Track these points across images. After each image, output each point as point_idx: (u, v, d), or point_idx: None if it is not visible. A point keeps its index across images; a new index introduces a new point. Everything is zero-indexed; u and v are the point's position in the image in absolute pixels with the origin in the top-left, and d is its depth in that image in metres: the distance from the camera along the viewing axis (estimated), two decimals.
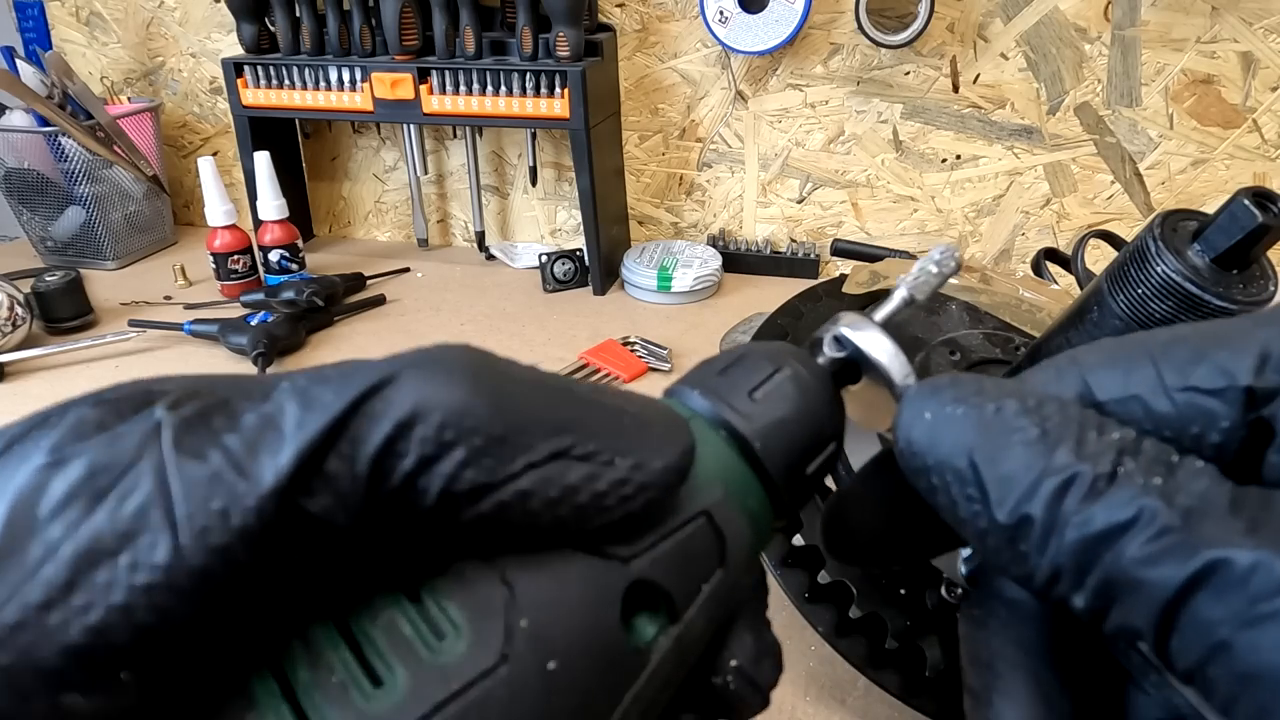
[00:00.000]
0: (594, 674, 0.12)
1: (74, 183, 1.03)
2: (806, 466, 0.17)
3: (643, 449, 0.14)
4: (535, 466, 0.13)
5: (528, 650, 0.12)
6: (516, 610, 0.12)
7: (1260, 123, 0.88)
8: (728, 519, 0.15)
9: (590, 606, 0.12)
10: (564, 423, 0.13)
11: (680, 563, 0.14)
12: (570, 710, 0.12)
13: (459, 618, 0.12)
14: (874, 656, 0.46)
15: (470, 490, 0.12)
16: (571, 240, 1.13)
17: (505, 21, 0.96)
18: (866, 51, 0.94)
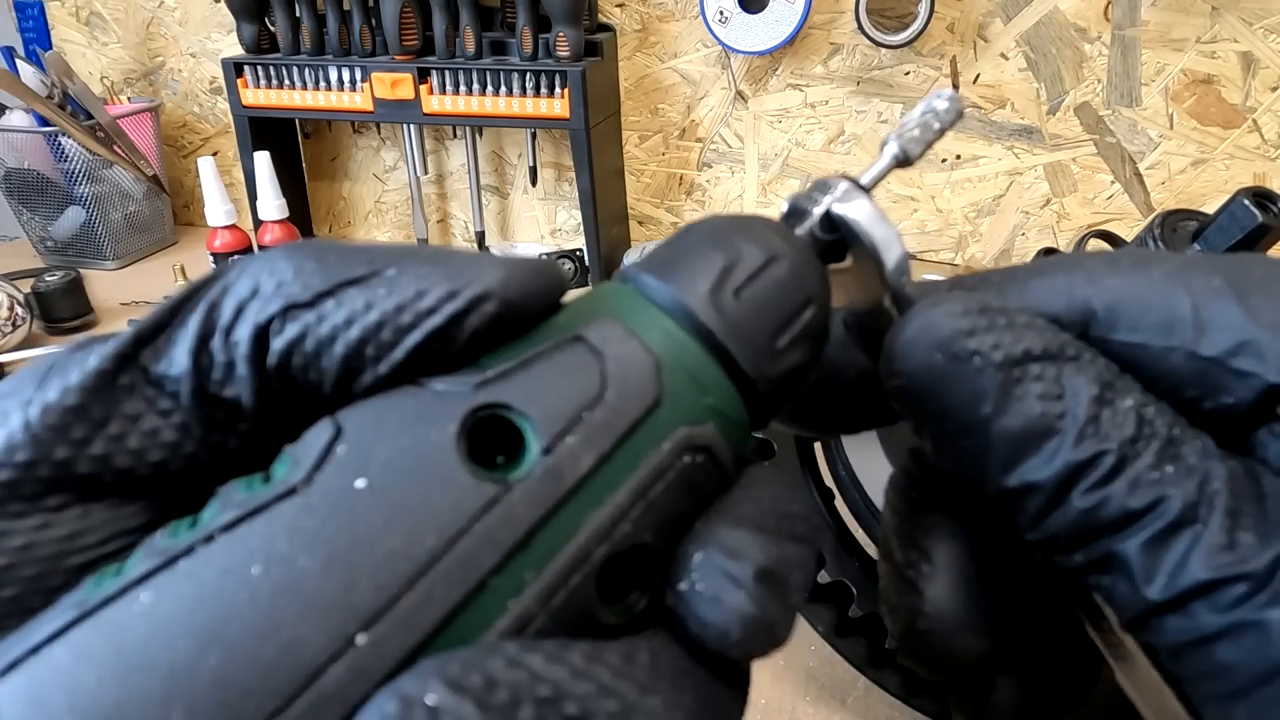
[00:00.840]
0: (415, 497, 0.11)
1: (74, 183, 1.03)
2: (778, 338, 0.14)
3: (469, 272, 0.13)
4: (349, 284, 0.13)
5: (334, 471, 0.11)
6: (339, 443, 0.11)
7: (1260, 123, 0.88)
8: (612, 344, 0.13)
9: (415, 428, 0.11)
10: (383, 257, 0.13)
11: (541, 387, 0.12)
12: (377, 529, 0.11)
13: (285, 462, 0.12)
14: (874, 656, 0.46)
15: (284, 310, 0.12)
16: (571, 240, 1.13)
17: (505, 21, 0.96)
18: (866, 51, 0.94)
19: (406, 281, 0.13)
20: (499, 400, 0.12)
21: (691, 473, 0.13)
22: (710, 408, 0.13)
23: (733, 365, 0.13)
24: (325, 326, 0.12)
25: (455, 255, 0.13)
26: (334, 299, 0.12)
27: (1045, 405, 0.14)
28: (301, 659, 0.10)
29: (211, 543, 0.11)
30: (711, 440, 0.13)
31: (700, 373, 0.13)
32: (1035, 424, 0.14)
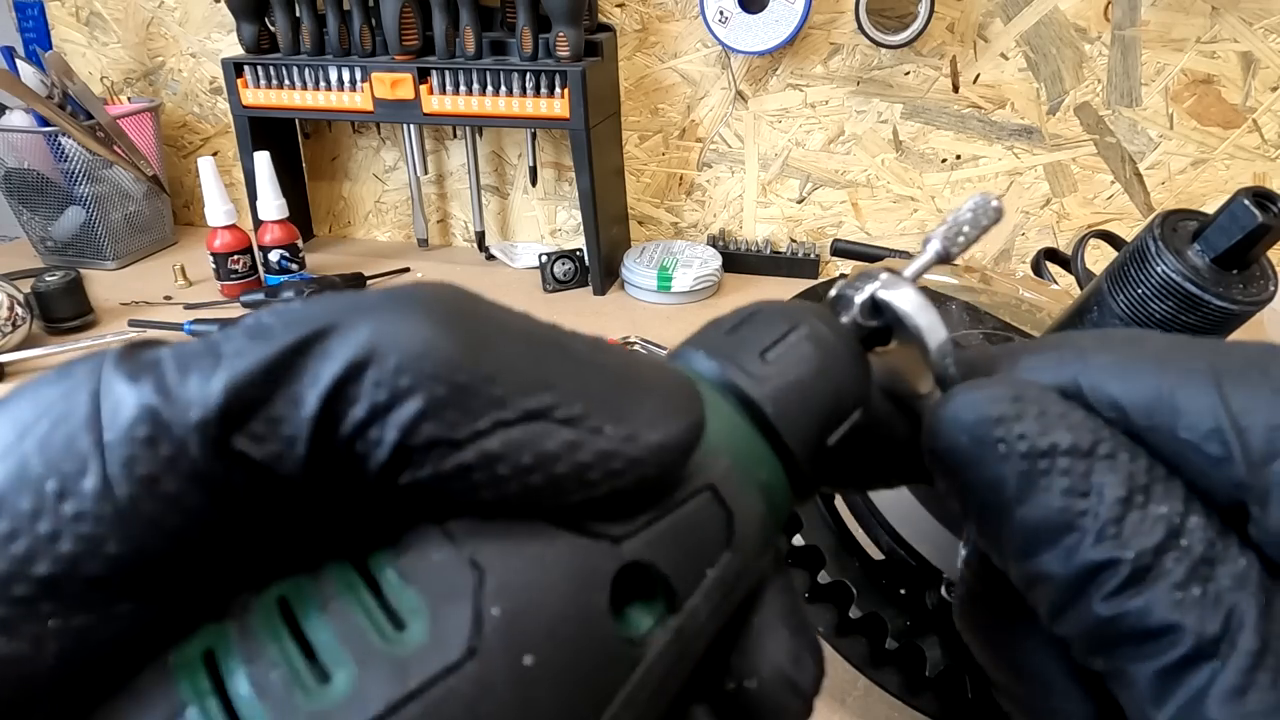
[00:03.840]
0: (578, 671, 0.10)
1: (74, 183, 1.03)
2: (827, 436, 0.15)
3: (639, 417, 0.12)
4: (506, 425, 0.11)
5: (499, 643, 0.10)
6: (486, 595, 0.10)
7: (1260, 123, 0.88)
8: (736, 494, 0.13)
9: (574, 592, 0.11)
10: (546, 378, 0.11)
11: (680, 544, 0.12)
12: (550, 713, 0.10)
13: (419, 603, 0.10)
14: (874, 656, 0.46)
15: (427, 445, 0.10)
16: (571, 240, 1.13)
17: (505, 21, 0.96)
18: (866, 51, 0.94)
19: (584, 435, 0.11)
20: (643, 560, 0.12)
21: (748, 589, 0.14)
22: (778, 530, 0.14)
23: (797, 476, 0.14)
24: (471, 455, 0.11)
25: (623, 393, 0.12)
26: (495, 436, 0.11)
27: (1068, 500, 0.14)
28: None
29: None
30: (773, 566, 0.14)
31: (784, 509, 0.14)
32: (1055, 517, 0.14)
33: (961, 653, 0.44)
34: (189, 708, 0.09)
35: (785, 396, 0.14)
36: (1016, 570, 0.15)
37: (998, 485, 0.14)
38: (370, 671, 0.10)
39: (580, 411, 0.11)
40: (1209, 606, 0.13)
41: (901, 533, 0.45)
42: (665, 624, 0.12)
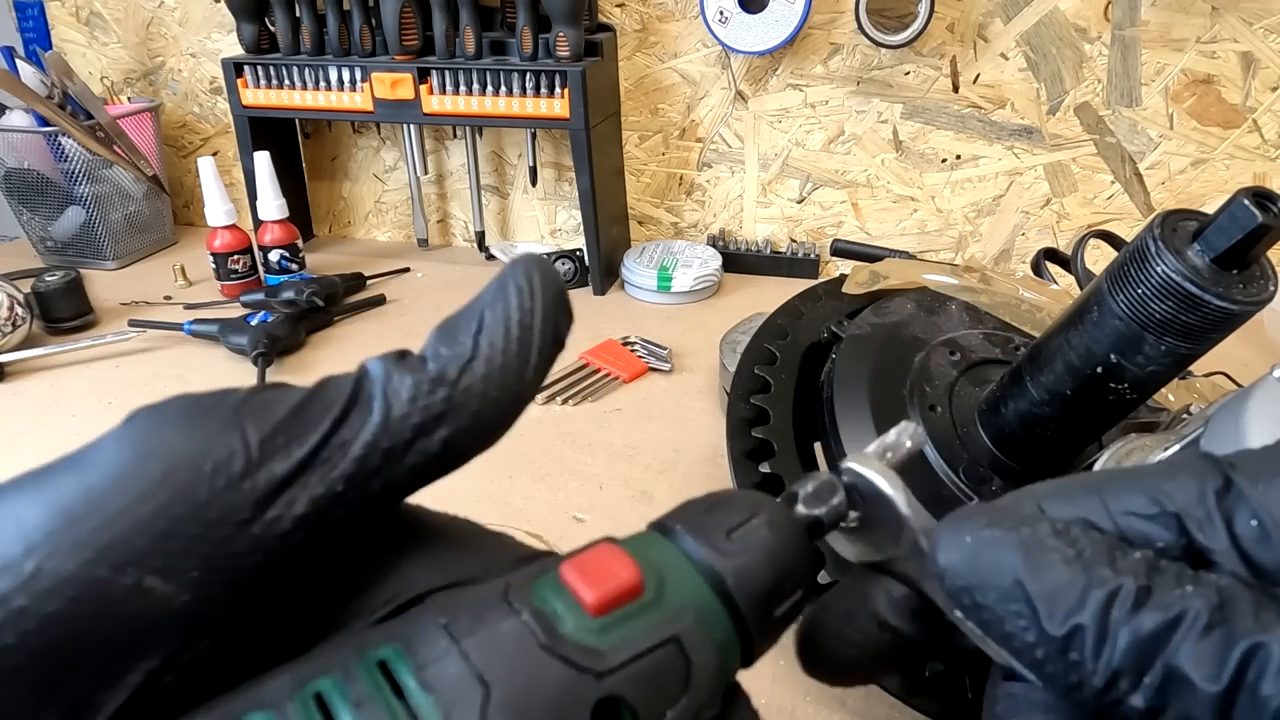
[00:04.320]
0: None
1: (74, 183, 1.03)
2: (775, 609, 0.17)
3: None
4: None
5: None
6: (492, 708, 0.13)
7: (1260, 123, 0.88)
8: (696, 647, 0.15)
9: (561, 713, 0.13)
10: None
11: (648, 684, 0.14)
12: None
13: (436, 712, 0.12)
14: None
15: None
16: (571, 240, 1.13)
17: (505, 21, 0.96)
18: (866, 51, 0.94)
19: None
20: (619, 694, 0.14)
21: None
22: (727, 682, 0.16)
23: (747, 642, 0.17)
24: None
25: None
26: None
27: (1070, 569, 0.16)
28: None
29: None
30: (721, 709, 0.16)
31: (733, 666, 0.16)
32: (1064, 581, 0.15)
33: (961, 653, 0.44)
34: None
35: (743, 571, 0.17)
36: (1050, 645, 0.16)
37: (1011, 570, 0.16)
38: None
39: None
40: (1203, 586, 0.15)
41: None
42: None
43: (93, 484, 0.12)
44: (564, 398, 0.78)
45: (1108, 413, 0.42)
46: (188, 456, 0.12)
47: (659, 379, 0.82)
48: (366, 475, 0.13)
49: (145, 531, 0.12)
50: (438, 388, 0.13)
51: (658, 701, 0.14)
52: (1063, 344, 0.42)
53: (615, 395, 0.80)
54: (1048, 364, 0.43)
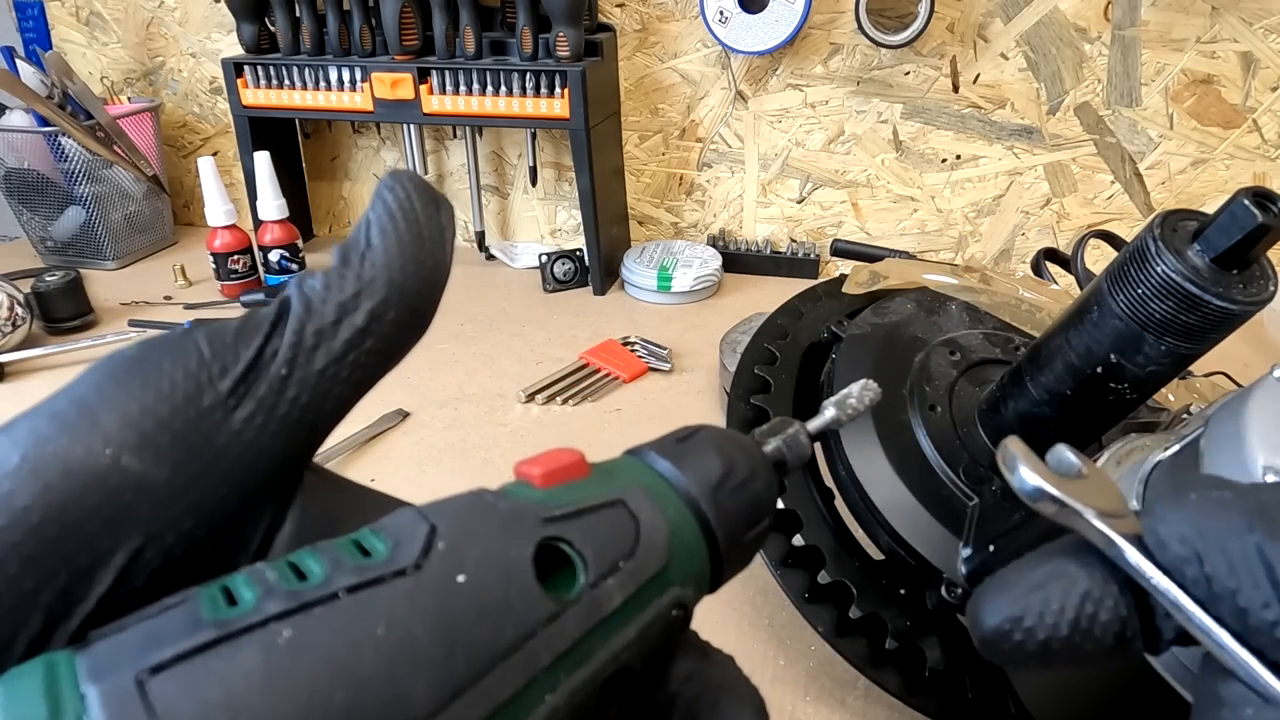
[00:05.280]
0: (500, 597, 0.14)
1: (74, 183, 1.03)
2: (745, 530, 0.18)
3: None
4: None
5: (440, 564, 0.14)
6: (437, 537, 0.14)
7: (1260, 123, 0.88)
8: (642, 508, 0.16)
9: (503, 543, 0.14)
10: None
11: (594, 533, 0.15)
12: (472, 617, 0.13)
13: (384, 542, 0.14)
14: (874, 656, 0.46)
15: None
16: (571, 240, 1.13)
17: (505, 21, 0.96)
18: (866, 51, 0.94)
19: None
20: (563, 536, 0.15)
21: (672, 622, 0.16)
22: (694, 575, 0.17)
23: (714, 547, 0.17)
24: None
25: None
26: None
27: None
28: (408, 709, 0.12)
29: (338, 600, 0.13)
30: (689, 601, 0.17)
31: (694, 548, 0.17)
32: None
33: (961, 653, 0.44)
34: (201, 594, 0.13)
35: (688, 460, 0.18)
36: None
37: (1244, 531, 0.16)
38: (339, 571, 0.13)
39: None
40: None
41: (901, 533, 0.45)
42: (585, 594, 0.15)
43: (70, 393, 0.14)
44: (564, 398, 0.78)
45: (1108, 413, 0.42)
46: (149, 360, 0.14)
47: (659, 379, 0.82)
48: (307, 354, 0.15)
49: (119, 414, 0.13)
50: (345, 274, 0.15)
51: (607, 550, 0.15)
52: (1063, 344, 0.42)
53: (615, 395, 0.80)
54: (1048, 364, 0.43)
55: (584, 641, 0.14)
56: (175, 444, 0.14)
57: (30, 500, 0.13)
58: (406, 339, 0.16)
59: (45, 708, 0.11)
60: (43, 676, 0.11)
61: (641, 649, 0.15)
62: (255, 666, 0.12)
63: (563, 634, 0.14)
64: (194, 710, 0.11)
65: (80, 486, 0.13)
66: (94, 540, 0.13)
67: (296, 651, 0.12)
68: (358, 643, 0.12)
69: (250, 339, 0.15)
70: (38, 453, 0.13)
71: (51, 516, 0.13)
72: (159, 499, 0.13)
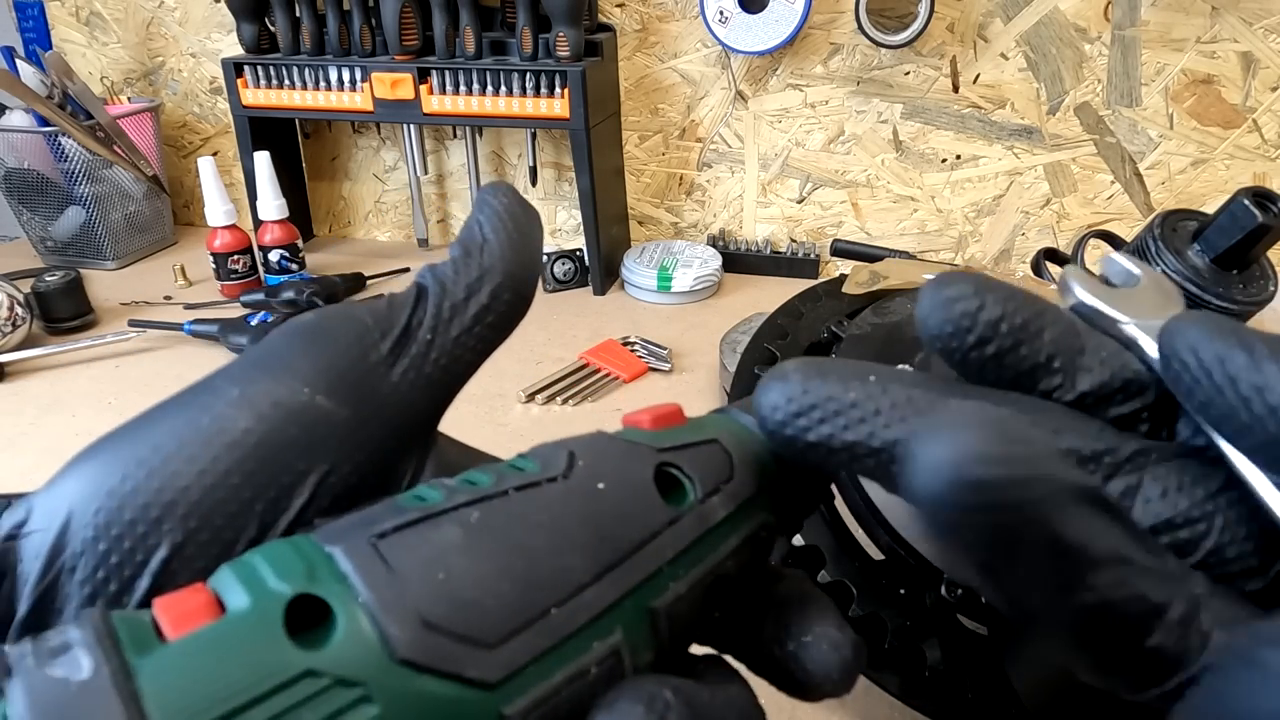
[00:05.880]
0: (631, 504, 0.17)
1: (74, 183, 1.03)
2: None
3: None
4: None
5: (584, 473, 0.17)
6: (577, 458, 0.17)
7: (1260, 123, 0.88)
8: (734, 446, 0.19)
9: (630, 465, 0.17)
10: None
11: (699, 462, 0.18)
12: (612, 515, 0.16)
13: (534, 463, 0.17)
14: (874, 656, 0.46)
15: None
16: (571, 240, 1.13)
17: (505, 21, 0.96)
18: (866, 51, 0.94)
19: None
20: (674, 463, 0.18)
21: (761, 542, 0.19)
22: (775, 505, 0.20)
23: (789, 487, 0.20)
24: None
25: None
26: None
27: None
28: (573, 579, 0.15)
29: (509, 495, 0.16)
30: (774, 525, 0.19)
31: (776, 483, 0.20)
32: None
33: (961, 653, 0.44)
34: (395, 497, 0.16)
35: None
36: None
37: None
38: (504, 479, 0.16)
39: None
40: None
41: (901, 533, 0.45)
42: (695, 507, 0.17)
43: (266, 347, 0.17)
44: (564, 398, 0.78)
45: None
46: (328, 324, 0.18)
47: (659, 379, 0.82)
48: (445, 324, 0.18)
49: (312, 364, 0.17)
50: (469, 263, 0.19)
51: (708, 476, 0.18)
52: None
53: (615, 395, 0.80)
54: None
55: (696, 544, 0.17)
56: (353, 390, 0.17)
57: (249, 424, 0.16)
58: (516, 316, 0.20)
59: (303, 563, 0.14)
60: (290, 546, 0.14)
61: (739, 559, 0.18)
62: (458, 539, 0.15)
63: (680, 536, 0.17)
64: (419, 567, 0.14)
65: (284, 417, 0.16)
66: (295, 462, 0.16)
67: (486, 528, 0.15)
68: (530, 526, 0.15)
69: (401, 312, 0.18)
70: (253, 390, 0.16)
71: (265, 440, 0.16)
72: (341, 434, 0.17)
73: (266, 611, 0.13)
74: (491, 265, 0.19)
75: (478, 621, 0.14)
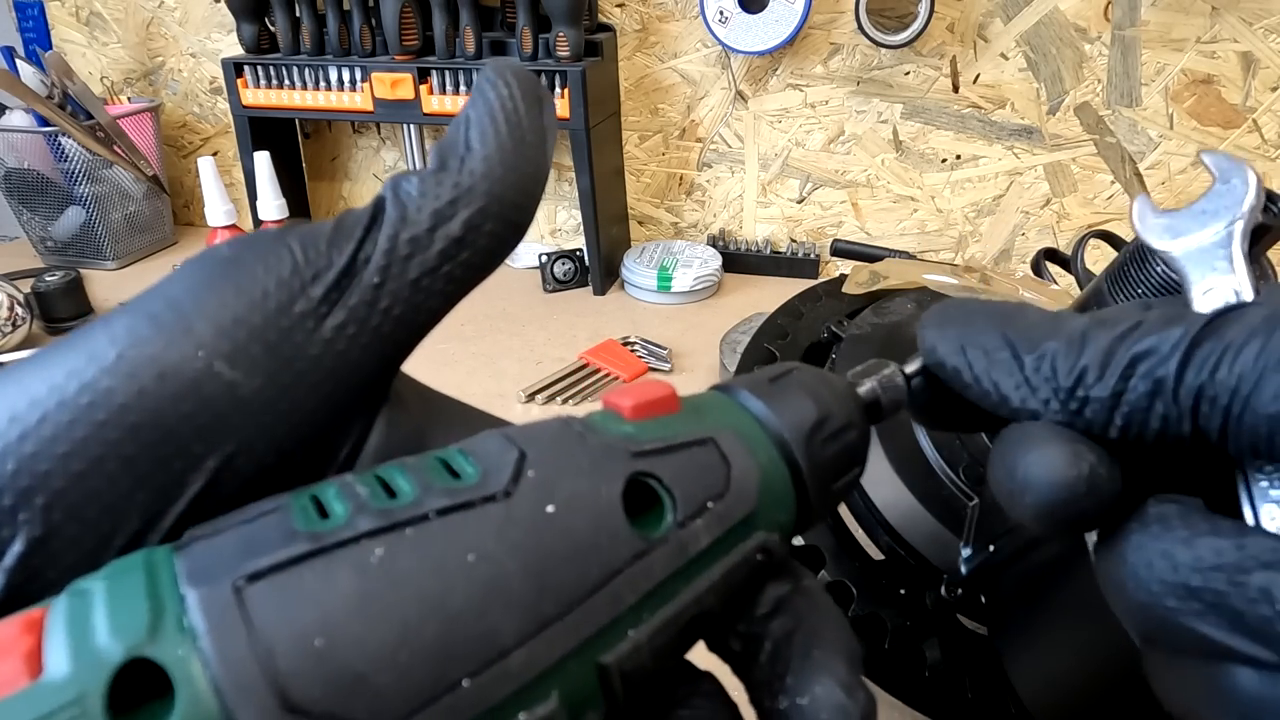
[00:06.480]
0: (588, 532, 0.13)
1: (74, 183, 1.03)
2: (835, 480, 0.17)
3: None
4: None
5: (529, 492, 0.13)
6: (527, 465, 0.14)
7: (1260, 123, 0.88)
8: (734, 452, 0.16)
9: (593, 478, 0.14)
10: None
11: (684, 471, 0.15)
12: (561, 552, 0.13)
13: (474, 466, 0.14)
14: (874, 656, 0.46)
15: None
16: (571, 240, 1.13)
17: (505, 21, 0.96)
18: (866, 51, 0.94)
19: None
20: (653, 473, 0.15)
21: (757, 567, 0.16)
22: (780, 523, 0.16)
23: (803, 495, 0.17)
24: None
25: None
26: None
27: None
28: (497, 643, 0.12)
29: (429, 521, 0.13)
30: (775, 547, 0.16)
31: (783, 495, 0.16)
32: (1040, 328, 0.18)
33: (961, 653, 0.44)
34: (292, 503, 0.13)
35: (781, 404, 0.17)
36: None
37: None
38: (429, 493, 0.13)
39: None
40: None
41: (901, 533, 0.45)
42: (672, 533, 0.14)
43: (165, 292, 0.14)
44: (564, 398, 0.78)
45: None
46: (243, 263, 0.14)
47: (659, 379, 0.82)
48: (400, 263, 0.14)
49: (212, 321, 0.13)
50: (442, 179, 0.15)
51: (696, 490, 0.15)
52: None
53: None
54: None
55: (669, 582, 0.14)
56: (268, 354, 0.13)
57: (127, 400, 0.13)
58: (501, 251, 0.15)
59: (148, 609, 0.11)
60: (144, 575, 0.12)
61: (725, 592, 0.15)
62: (350, 589, 0.12)
63: (649, 574, 0.14)
64: (291, 630, 0.11)
65: (174, 392, 0.13)
66: (188, 445, 0.13)
67: (389, 575, 0.12)
68: (449, 571, 0.12)
69: (344, 244, 0.14)
70: (134, 353, 0.13)
71: (147, 420, 0.13)
72: (251, 408, 0.13)
73: (86, 686, 0.10)
74: (472, 185, 0.15)
75: (362, 703, 0.11)
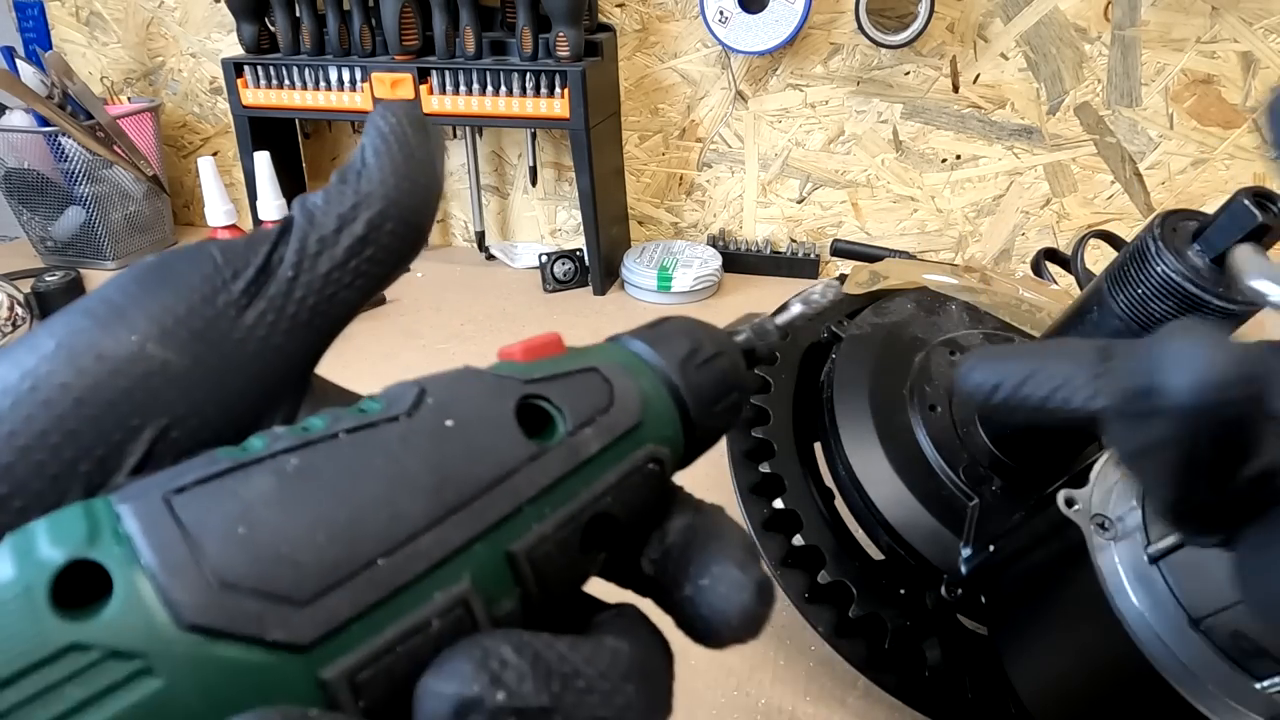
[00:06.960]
0: (484, 439, 0.15)
1: (74, 183, 1.03)
2: (714, 402, 0.19)
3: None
4: None
5: (430, 412, 0.15)
6: (428, 394, 0.16)
7: (1260, 123, 0.88)
8: (615, 375, 0.18)
9: (488, 399, 0.16)
10: None
11: (571, 392, 0.17)
12: (460, 453, 0.15)
13: (379, 402, 0.16)
14: (874, 656, 0.46)
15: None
16: (571, 240, 1.13)
17: (505, 21, 0.96)
18: (866, 51, 0.94)
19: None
20: (543, 394, 0.17)
21: (650, 475, 0.18)
22: (667, 437, 0.18)
23: (685, 414, 0.19)
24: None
25: None
26: None
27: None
28: (405, 526, 0.14)
29: (338, 439, 0.14)
30: (665, 458, 0.18)
31: (666, 413, 0.18)
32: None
33: (961, 653, 0.44)
34: (218, 450, 0.14)
35: (659, 340, 0.19)
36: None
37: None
38: (339, 421, 0.15)
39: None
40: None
41: (901, 533, 0.45)
42: (564, 441, 0.16)
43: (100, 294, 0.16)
44: None
45: None
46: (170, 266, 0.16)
47: None
48: (311, 259, 0.17)
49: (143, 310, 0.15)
50: (344, 190, 0.17)
51: (582, 405, 0.17)
52: None
53: None
54: None
55: (566, 480, 0.16)
56: (194, 337, 0.15)
57: (68, 379, 0.14)
58: (405, 250, 0.18)
59: (85, 525, 0.13)
60: (81, 508, 0.13)
61: (621, 496, 0.17)
62: (268, 487, 0.13)
63: (545, 471, 0.16)
64: (215, 520, 0.13)
65: (111, 370, 0.15)
66: (126, 418, 0.15)
67: (303, 475, 0.14)
68: (357, 471, 0.14)
69: (259, 247, 0.16)
70: (72, 341, 0.15)
71: (87, 395, 0.14)
72: (182, 385, 0.15)
73: (31, 582, 0.12)
74: (369, 191, 0.17)
75: (286, 577, 0.13)
